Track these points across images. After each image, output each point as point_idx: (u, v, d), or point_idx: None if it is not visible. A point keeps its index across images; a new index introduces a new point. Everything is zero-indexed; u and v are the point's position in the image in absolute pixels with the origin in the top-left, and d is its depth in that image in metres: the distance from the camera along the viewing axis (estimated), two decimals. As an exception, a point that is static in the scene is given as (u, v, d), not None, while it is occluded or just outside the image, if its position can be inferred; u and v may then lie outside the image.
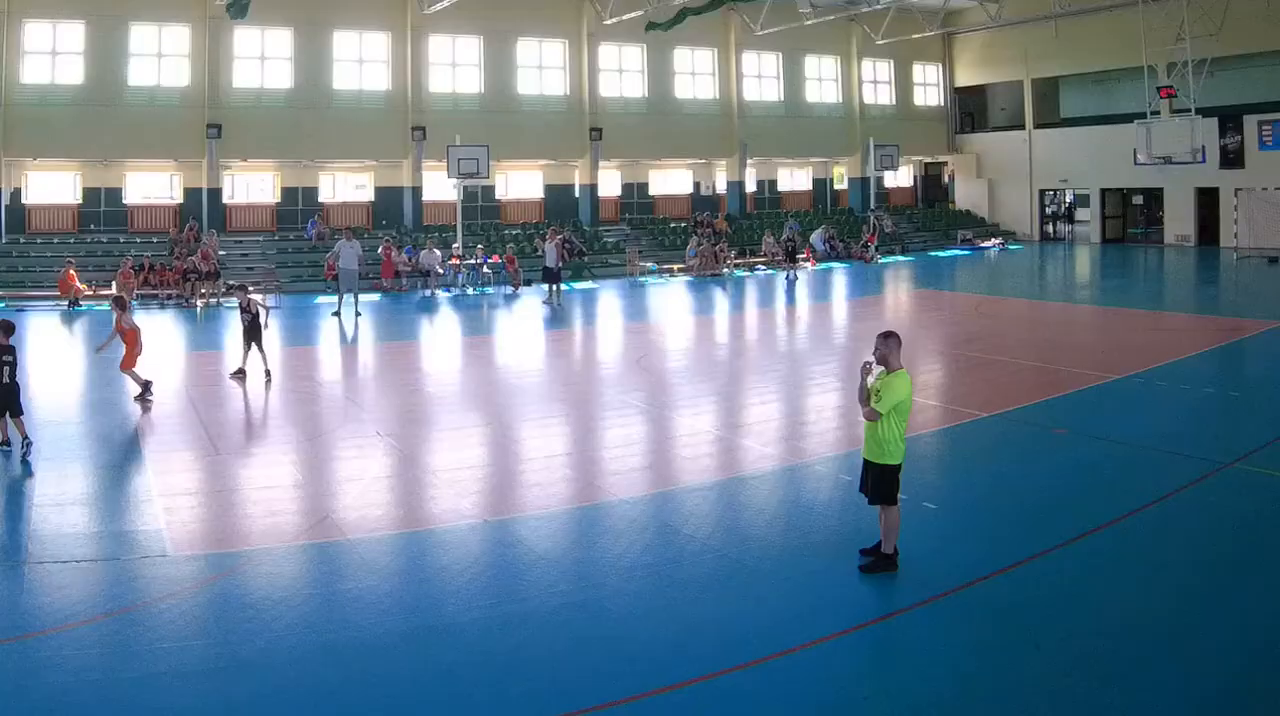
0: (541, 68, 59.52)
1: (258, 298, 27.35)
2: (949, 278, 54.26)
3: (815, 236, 60.49)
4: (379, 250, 49.67)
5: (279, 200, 55.96)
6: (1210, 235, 61.81)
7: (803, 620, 11.82)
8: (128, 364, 24.30)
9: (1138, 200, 68.38)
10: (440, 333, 38.32)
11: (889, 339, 13.03)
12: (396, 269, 49.78)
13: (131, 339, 24.37)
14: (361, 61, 55.31)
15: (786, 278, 51.27)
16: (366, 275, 45.90)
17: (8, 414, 18.89)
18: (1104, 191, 67.93)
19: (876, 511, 13.37)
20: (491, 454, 20.00)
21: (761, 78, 66.18)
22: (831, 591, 12.64)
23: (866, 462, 13.20)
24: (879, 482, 13.02)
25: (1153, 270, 56.61)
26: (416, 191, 56.67)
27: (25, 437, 18.79)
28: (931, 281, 51.40)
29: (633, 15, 56.14)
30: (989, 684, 10.46)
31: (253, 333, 26.70)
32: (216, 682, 10.51)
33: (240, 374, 26.76)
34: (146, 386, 24.09)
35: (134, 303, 39.73)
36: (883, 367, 13.05)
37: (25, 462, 18.24)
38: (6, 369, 18.77)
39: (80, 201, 52.22)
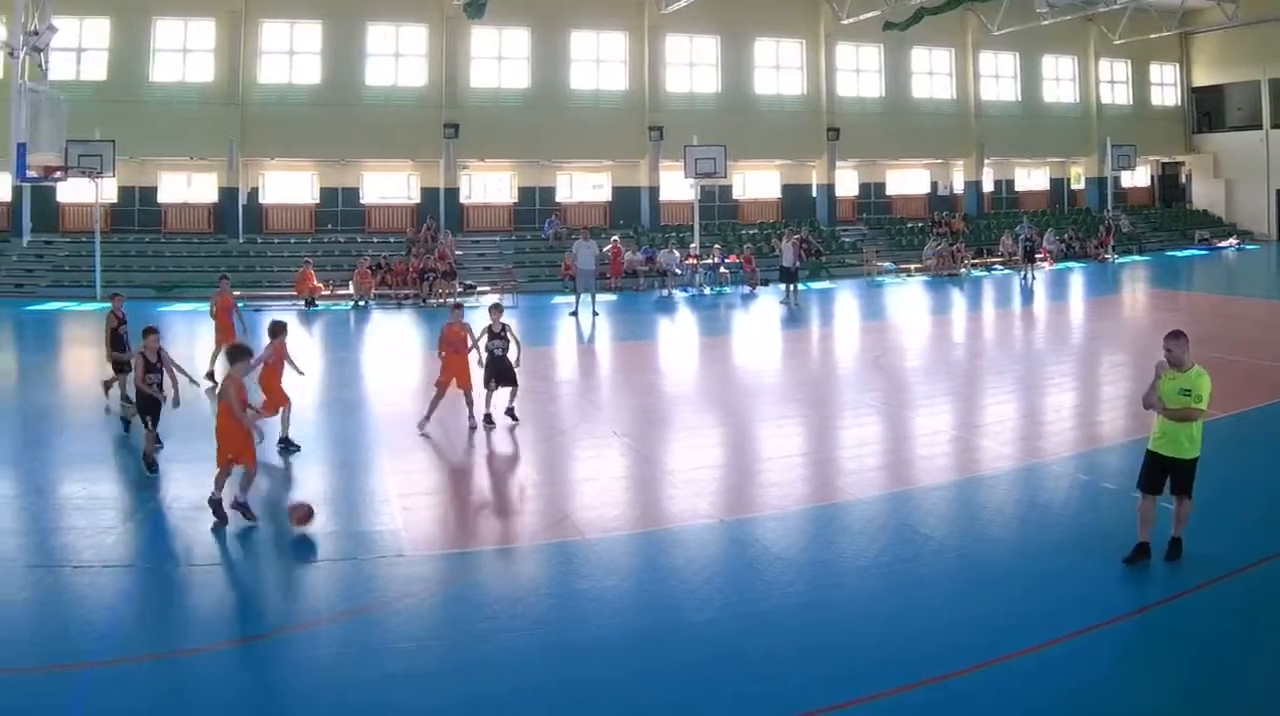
0: (778, 67, 50.66)
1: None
2: (1185, 277, 47.04)
3: (1046, 238, 50.87)
4: (607, 248, 42.19)
5: (516, 200, 48.51)
6: None
7: (1041, 619, 10.47)
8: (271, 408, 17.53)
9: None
10: (677, 332, 34.15)
11: (1180, 339, 11.62)
12: (633, 268, 43.12)
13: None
14: (599, 61, 47.67)
15: (1023, 278, 43.47)
16: (603, 275, 39.70)
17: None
18: (1342, 191, 56.61)
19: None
20: (728, 453, 18.05)
21: (999, 77, 55.79)
22: (1070, 590, 11.18)
23: (1171, 460, 11.57)
24: (1188, 476, 11.55)
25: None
26: (654, 191, 48.61)
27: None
28: (1168, 281, 44.77)
29: (870, 15, 47.30)
30: (1232, 682, 9.24)
31: (502, 365, 19.06)
32: (454, 683, 9.56)
33: (490, 421, 19.13)
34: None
35: (371, 302, 38.19)
36: (1174, 368, 11.55)
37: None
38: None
39: (317, 201, 45.92)
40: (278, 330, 17.72)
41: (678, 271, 42.69)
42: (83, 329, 32.91)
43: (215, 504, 13.24)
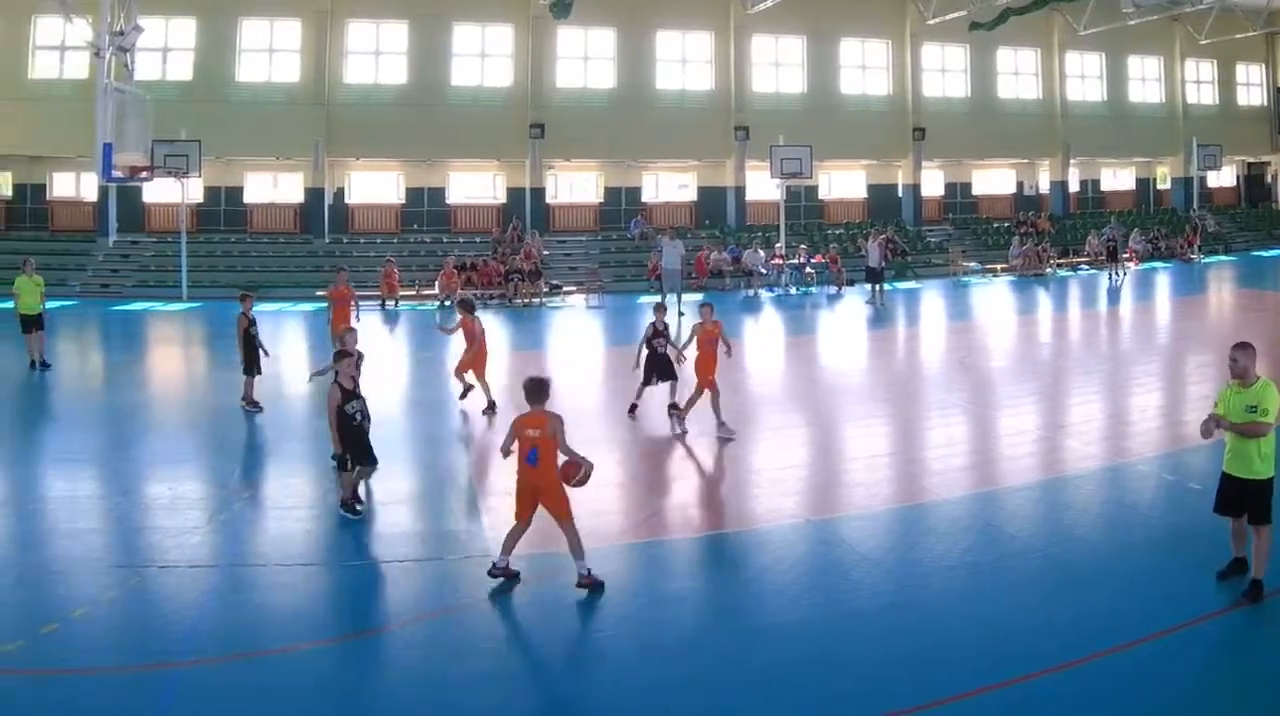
0: (864, 67, 46.94)
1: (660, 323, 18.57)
2: (1271, 278, 43.44)
3: (1131, 237, 47.26)
4: (699, 254, 40.07)
5: (602, 200, 45.38)
6: None
7: (1128, 620, 9.73)
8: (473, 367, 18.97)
9: None
10: (763, 332, 31.86)
11: (1247, 350, 10.34)
12: (719, 268, 40.36)
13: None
14: (684, 61, 44.32)
15: (1109, 277, 40.42)
16: (689, 275, 37.08)
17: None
18: None
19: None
20: (814, 453, 16.90)
21: (1084, 78, 51.82)
22: (1158, 590, 10.40)
23: (1239, 481, 10.19)
24: (1263, 499, 10.06)
25: None
26: (739, 191, 45.04)
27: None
28: (1254, 281, 41.40)
29: (956, 15, 43.74)
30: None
31: (664, 362, 18.16)
32: (542, 683, 9.16)
33: (680, 418, 17.79)
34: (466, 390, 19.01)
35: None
36: (1238, 380, 10.31)
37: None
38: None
39: (403, 201, 43.14)
40: (467, 307, 18.91)
41: (763, 271, 39.99)
42: (171, 329, 31.44)
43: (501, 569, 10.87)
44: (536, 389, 10.62)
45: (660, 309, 18.48)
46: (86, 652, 9.19)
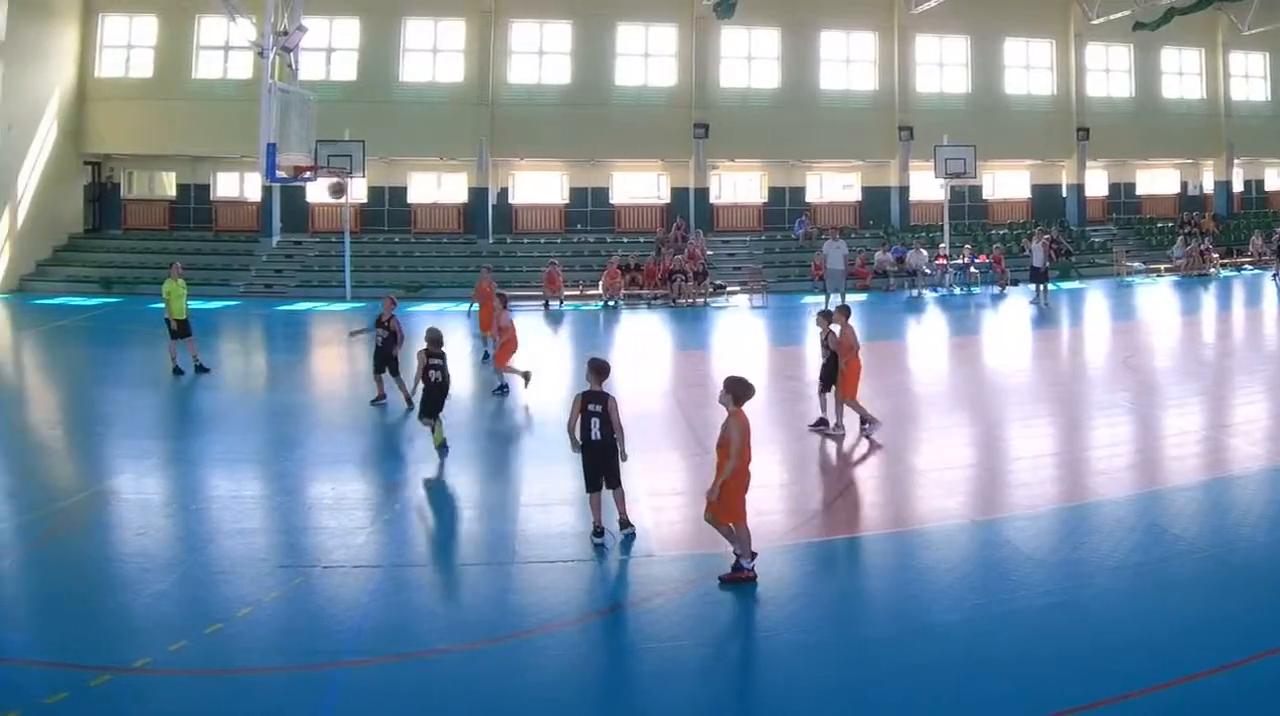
0: (1028, 67, 40.91)
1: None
2: None
3: None
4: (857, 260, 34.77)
5: (766, 200, 39.89)
6: None
7: None
8: (501, 360, 17.97)
9: None
10: (926, 332, 29.05)
11: None
12: (883, 269, 35.54)
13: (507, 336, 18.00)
14: (848, 61, 38.84)
15: (1274, 277, 34.96)
16: (851, 274, 32.79)
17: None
18: None
19: None
20: (978, 453, 14.77)
21: (1249, 77, 44.86)
22: None
23: None
24: None
25: None
26: (904, 191, 39.36)
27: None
28: None
29: (1120, 15, 37.71)
30: None
31: (833, 369, 15.37)
32: (701, 683, 7.93)
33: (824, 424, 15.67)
34: (525, 376, 17.70)
35: (620, 302, 31.92)
36: None
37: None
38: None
39: (567, 201, 38.32)
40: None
41: (927, 271, 35.13)
42: (333, 330, 27.59)
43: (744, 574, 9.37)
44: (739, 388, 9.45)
45: (824, 317, 15.86)
46: (250, 652, 8.27)
